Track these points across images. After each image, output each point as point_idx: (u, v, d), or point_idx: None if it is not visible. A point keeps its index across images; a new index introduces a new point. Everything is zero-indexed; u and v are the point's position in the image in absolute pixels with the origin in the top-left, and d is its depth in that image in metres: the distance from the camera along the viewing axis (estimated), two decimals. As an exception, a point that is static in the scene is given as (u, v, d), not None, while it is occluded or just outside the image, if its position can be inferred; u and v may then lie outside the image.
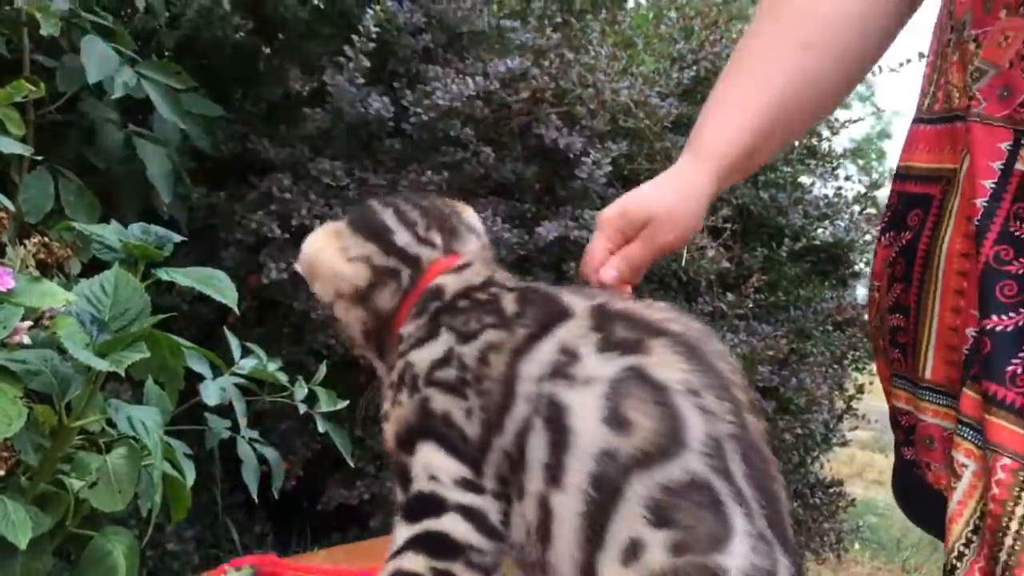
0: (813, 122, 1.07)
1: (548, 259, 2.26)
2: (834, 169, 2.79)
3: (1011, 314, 0.81)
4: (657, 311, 0.74)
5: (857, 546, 3.63)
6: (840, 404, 2.83)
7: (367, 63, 2.33)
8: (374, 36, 2.32)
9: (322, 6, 2.65)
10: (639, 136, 2.42)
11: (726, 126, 1.02)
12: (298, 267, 0.88)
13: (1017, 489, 0.78)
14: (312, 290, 0.87)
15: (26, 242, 1.49)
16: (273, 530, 2.66)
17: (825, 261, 2.69)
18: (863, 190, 2.89)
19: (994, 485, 0.78)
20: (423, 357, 0.73)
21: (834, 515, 2.60)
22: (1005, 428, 0.79)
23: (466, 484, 0.68)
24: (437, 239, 0.85)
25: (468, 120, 2.35)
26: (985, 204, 0.83)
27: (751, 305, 2.40)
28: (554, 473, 0.65)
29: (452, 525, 0.67)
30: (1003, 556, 0.76)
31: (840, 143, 2.92)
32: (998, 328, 0.81)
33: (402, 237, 0.84)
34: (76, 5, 2.12)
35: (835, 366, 2.66)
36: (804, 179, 2.87)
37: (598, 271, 0.95)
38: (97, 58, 2.01)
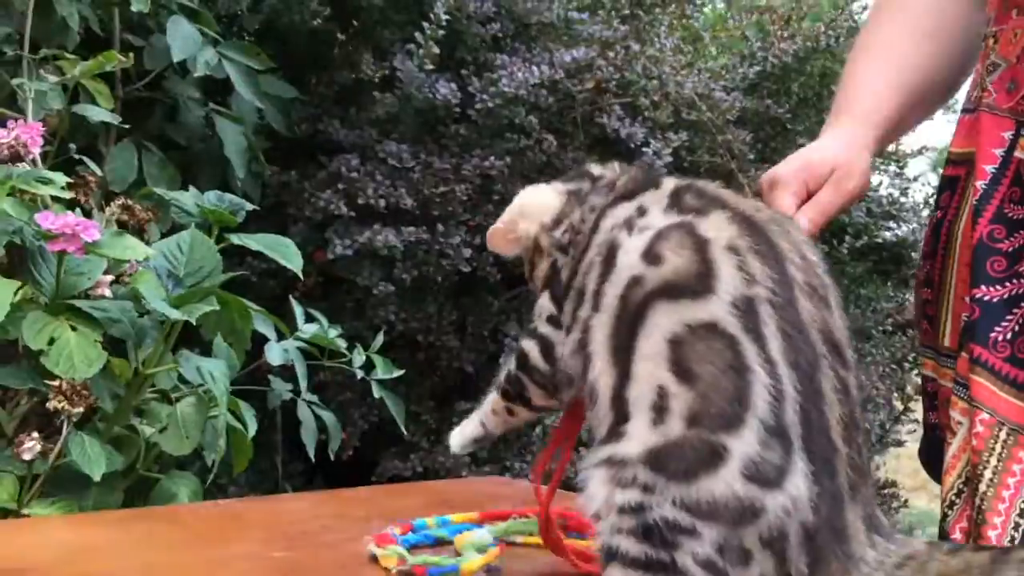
0: (932, 110, 1.14)
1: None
2: (902, 168, 2.77)
3: (998, 287, 0.88)
4: (746, 201, 0.77)
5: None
6: (899, 406, 2.80)
7: (436, 50, 2.40)
8: (444, 24, 2.39)
9: (397, -6, 2.73)
10: (701, 129, 2.44)
11: (876, 90, 1.05)
12: (503, 220, 0.90)
13: (992, 442, 0.85)
14: (512, 236, 0.88)
15: (111, 204, 1.59)
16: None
17: (887, 261, 2.67)
18: (932, 191, 2.85)
19: (973, 438, 0.86)
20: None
21: (887, 516, 2.58)
22: (985, 387, 0.87)
23: (550, 319, 0.80)
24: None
25: (532, 108, 2.40)
26: (984, 187, 0.90)
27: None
28: (597, 300, 0.72)
29: (530, 349, 0.81)
30: (978, 502, 0.84)
31: (913, 142, 2.88)
32: (986, 298, 0.88)
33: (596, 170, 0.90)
34: (165, -13, 2.24)
35: (894, 367, 2.64)
36: (874, 178, 2.85)
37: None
38: (182, 38, 2.12)
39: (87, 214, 1.64)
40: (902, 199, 2.63)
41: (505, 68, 2.41)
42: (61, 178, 1.32)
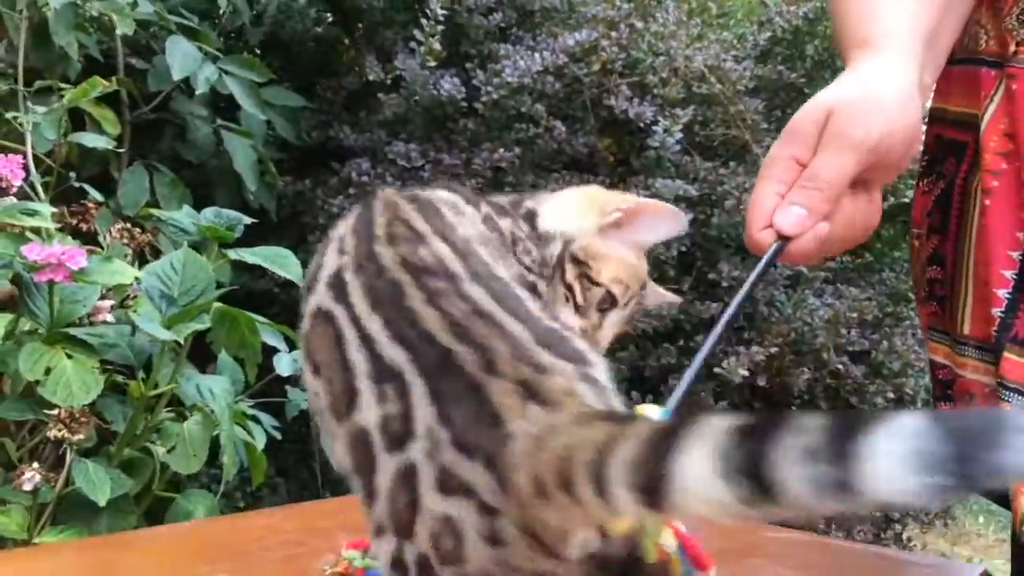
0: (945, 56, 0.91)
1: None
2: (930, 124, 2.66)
3: None
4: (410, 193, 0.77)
5: (981, 519, 3.46)
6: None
7: (437, 46, 2.38)
8: (442, 19, 2.36)
9: (395, -7, 2.71)
10: (713, 102, 2.38)
11: (899, 13, 0.81)
12: None
13: None
14: None
15: (111, 230, 1.60)
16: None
17: (911, 224, 2.57)
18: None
19: None
20: None
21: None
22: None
23: None
24: None
25: (539, 96, 2.36)
26: None
27: (835, 268, 2.32)
28: None
29: None
30: None
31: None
32: None
33: None
34: (162, 8, 2.25)
35: (936, 330, 2.55)
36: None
37: (766, 224, 0.75)
38: (180, 56, 2.14)
39: (92, 241, 1.66)
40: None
41: (509, 58, 2.38)
42: (47, 208, 1.33)
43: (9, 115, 1.65)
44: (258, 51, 2.80)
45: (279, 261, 1.58)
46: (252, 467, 1.57)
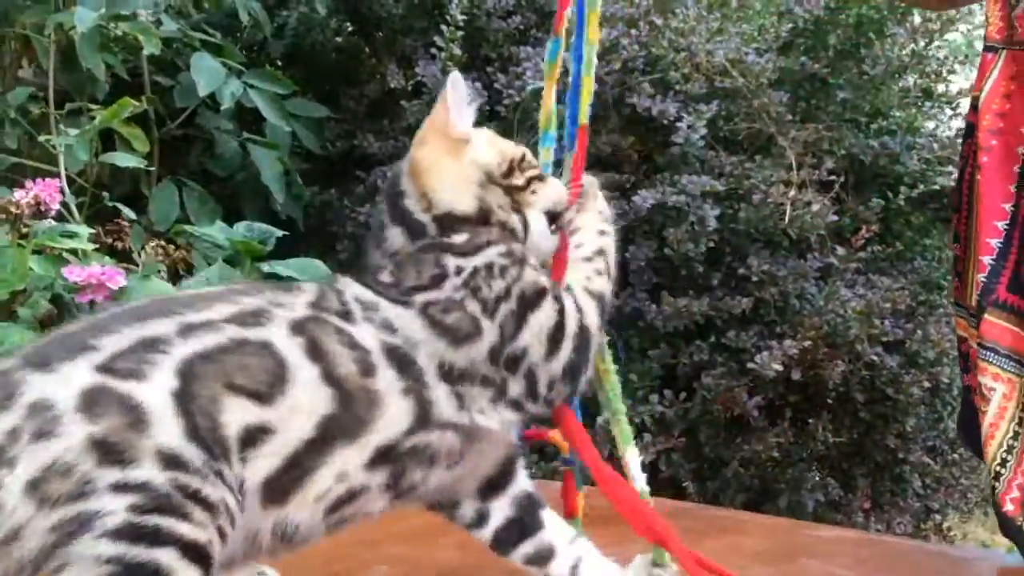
0: None
1: (650, 228, 2.25)
2: (955, 109, 2.63)
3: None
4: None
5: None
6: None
7: (457, 51, 2.39)
8: (462, 24, 2.37)
9: (415, 1, 2.73)
10: (737, 96, 2.37)
11: None
12: None
13: None
14: None
15: (146, 247, 1.63)
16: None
17: (950, 207, 2.54)
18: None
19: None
20: None
21: (975, 470, 2.47)
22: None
23: None
24: None
25: (560, 96, 2.36)
26: None
27: (867, 258, 2.30)
28: None
29: None
30: None
31: (964, 80, 2.73)
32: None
33: None
34: (186, 26, 2.28)
35: (971, 317, 2.52)
36: (927, 123, 2.73)
37: None
38: (205, 73, 2.16)
39: (127, 258, 1.69)
40: (956, 140, 2.50)
41: (529, 60, 2.38)
42: (85, 230, 1.35)
43: (42, 138, 1.67)
44: (279, 63, 2.83)
45: (311, 272, 1.60)
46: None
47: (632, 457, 0.91)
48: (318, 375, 0.76)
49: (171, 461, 0.68)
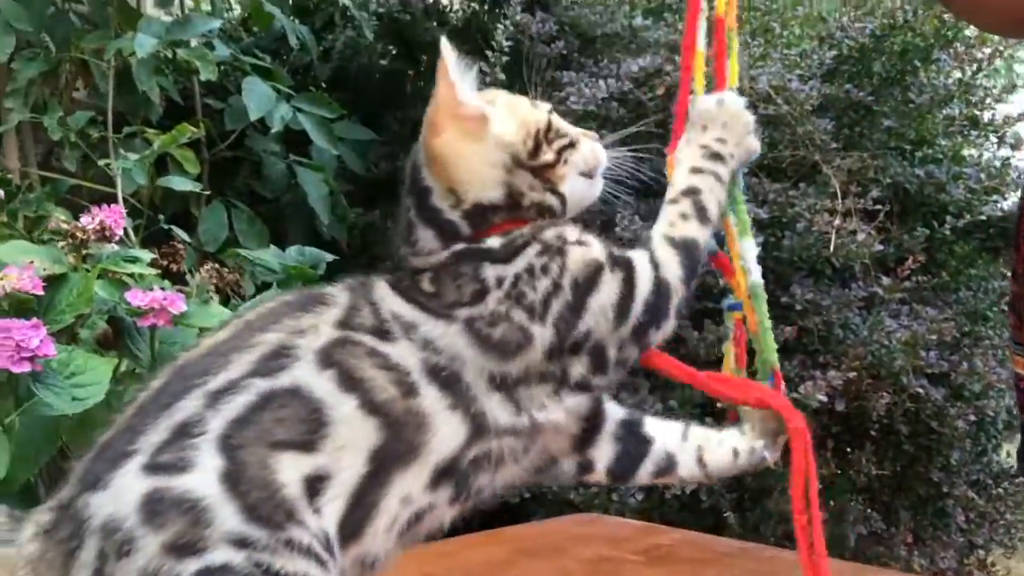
0: None
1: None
2: (1001, 138, 2.61)
3: None
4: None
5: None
6: (1025, 389, 2.64)
7: (502, 76, 2.41)
8: (507, 49, 2.40)
9: (459, 25, 2.76)
10: (780, 122, 2.37)
11: None
12: None
13: None
14: None
15: (200, 270, 1.66)
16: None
17: (995, 237, 2.52)
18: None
19: None
20: None
21: (1020, 505, 2.43)
22: None
23: None
24: None
25: (604, 122, 2.38)
26: None
27: (911, 288, 2.29)
28: None
29: None
30: None
31: (1014, 108, 2.71)
32: None
33: None
34: (237, 50, 2.33)
35: (1016, 348, 2.49)
36: (972, 151, 2.71)
37: None
38: (257, 97, 2.20)
39: (180, 280, 1.72)
40: (1006, 170, 2.48)
41: (572, 85, 2.40)
42: (146, 255, 1.38)
43: (102, 162, 1.72)
44: (325, 85, 2.87)
45: (361, 297, 1.62)
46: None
47: (749, 248, 0.86)
48: (357, 407, 0.73)
49: (240, 543, 0.68)
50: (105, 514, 0.69)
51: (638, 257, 0.80)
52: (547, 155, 0.83)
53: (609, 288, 0.78)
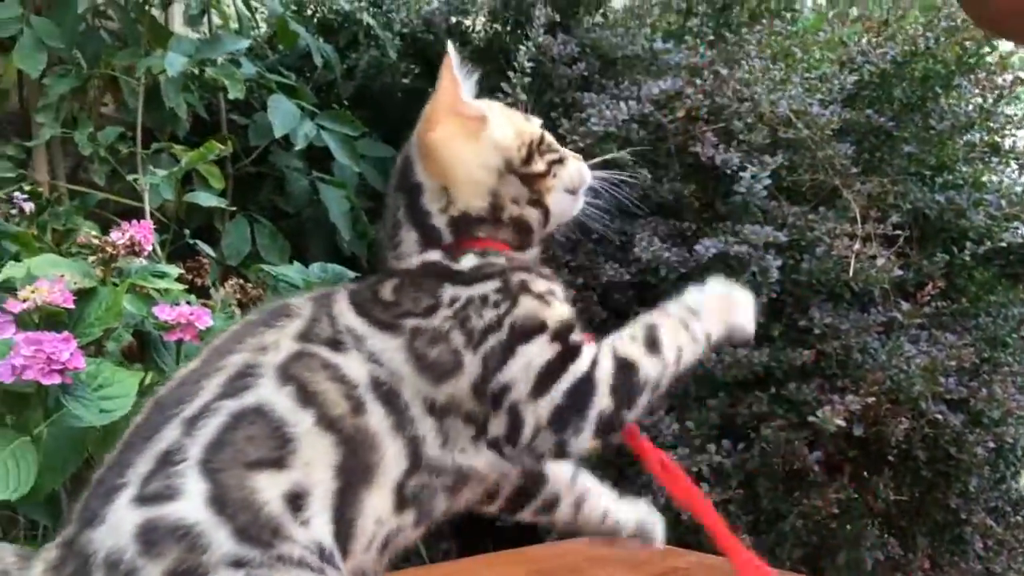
0: None
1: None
2: (1022, 165, 2.61)
3: None
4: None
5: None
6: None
7: (524, 96, 2.43)
8: (529, 70, 2.42)
9: (482, 45, 2.79)
10: (801, 146, 2.38)
11: None
12: None
13: None
14: None
15: (225, 284, 1.68)
16: (456, 546, 2.78)
17: (1016, 263, 2.51)
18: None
19: None
20: None
21: (1038, 538, 2.41)
22: None
23: None
24: None
25: (624, 143, 2.39)
26: None
27: (930, 313, 2.28)
28: None
29: None
30: None
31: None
32: None
33: None
34: (263, 68, 2.36)
35: (1035, 376, 2.48)
36: (993, 178, 2.70)
37: None
38: (282, 114, 2.23)
39: (204, 293, 1.74)
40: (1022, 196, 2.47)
41: (594, 106, 2.42)
42: (174, 271, 1.40)
43: (131, 177, 1.74)
44: (346, 102, 2.90)
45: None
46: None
47: None
48: (314, 423, 0.75)
49: (237, 563, 0.70)
50: (106, 548, 0.71)
51: (586, 349, 0.81)
52: (538, 165, 0.85)
53: (541, 350, 0.79)
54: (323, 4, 2.84)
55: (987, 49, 2.48)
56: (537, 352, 0.80)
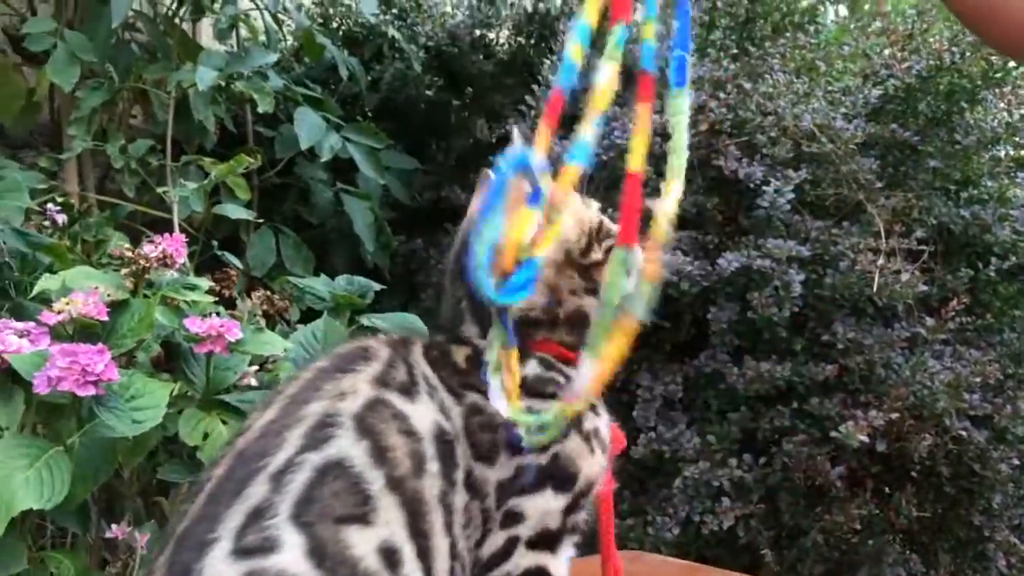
0: None
1: (732, 290, 2.26)
2: (1050, 180, 2.59)
3: None
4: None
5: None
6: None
7: (547, 109, 2.45)
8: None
9: (506, 59, 2.81)
10: (824, 161, 2.37)
11: None
12: None
13: None
14: None
15: (252, 295, 1.70)
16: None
17: (1048, 281, 2.50)
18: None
19: None
20: None
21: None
22: None
23: None
24: None
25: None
26: None
27: (954, 329, 2.27)
28: None
29: None
30: None
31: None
32: None
33: None
34: (289, 80, 2.39)
35: (1061, 393, 2.45)
36: (1018, 192, 2.69)
37: None
38: (307, 126, 2.26)
39: (230, 304, 1.76)
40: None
41: (617, 120, 2.43)
42: (205, 283, 1.42)
43: (161, 189, 1.77)
44: (371, 114, 2.93)
45: (407, 325, 1.65)
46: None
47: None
48: (384, 484, 0.74)
49: None
50: None
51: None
52: (597, 254, 0.84)
53: (558, 506, 0.80)
54: (349, 17, 2.88)
55: (1013, 64, 2.47)
56: (557, 508, 0.80)
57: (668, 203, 0.70)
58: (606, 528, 0.89)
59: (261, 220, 2.27)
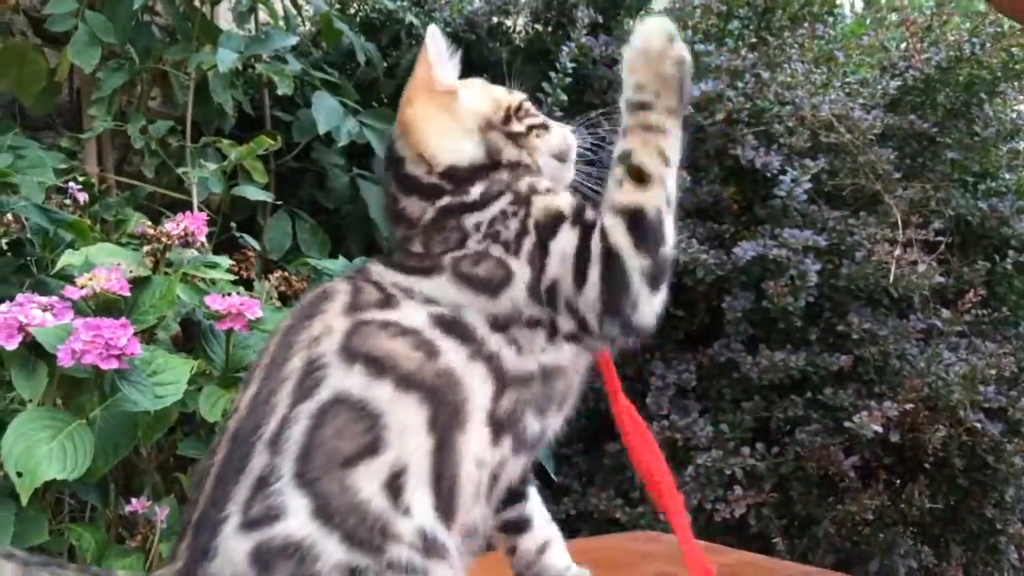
0: None
1: (748, 279, 2.26)
2: (1065, 173, 2.58)
3: None
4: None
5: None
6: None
7: (564, 97, 2.45)
8: (570, 70, 2.43)
9: (523, 45, 2.80)
10: (842, 151, 2.37)
11: None
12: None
13: None
14: None
15: (270, 277, 1.71)
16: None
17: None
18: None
19: None
20: None
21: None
22: None
23: None
24: None
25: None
26: None
27: (970, 321, 2.26)
28: None
29: None
30: None
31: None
32: None
33: None
34: (307, 65, 2.40)
35: (1077, 386, 2.45)
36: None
37: None
38: (325, 111, 2.26)
39: (248, 286, 1.77)
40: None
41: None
42: (225, 261, 1.43)
43: (180, 170, 1.78)
44: (387, 100, 2.93)
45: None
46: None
47: None
48: (393, 388, 0.76)
49: (351, 572, 0.72)
50: None
51: (596, 225, 0.83)
52: (516, 126, 0.91)
53: (568, 239, 0.82)
54: (366, 3, 2.87)
55: (1034, 56, 2.45)
56: (567, 241, 0.83)
57: None
58: (681, 526, 0.88)
59: (279, 203, 2.27)
